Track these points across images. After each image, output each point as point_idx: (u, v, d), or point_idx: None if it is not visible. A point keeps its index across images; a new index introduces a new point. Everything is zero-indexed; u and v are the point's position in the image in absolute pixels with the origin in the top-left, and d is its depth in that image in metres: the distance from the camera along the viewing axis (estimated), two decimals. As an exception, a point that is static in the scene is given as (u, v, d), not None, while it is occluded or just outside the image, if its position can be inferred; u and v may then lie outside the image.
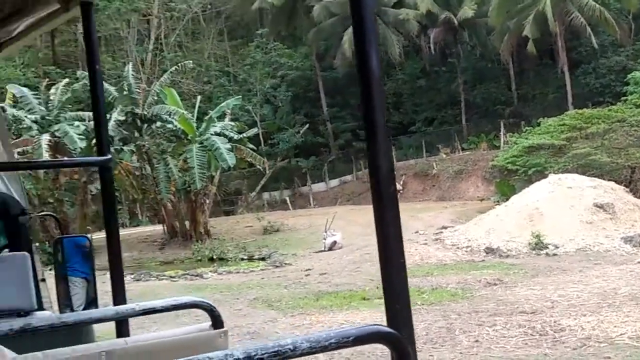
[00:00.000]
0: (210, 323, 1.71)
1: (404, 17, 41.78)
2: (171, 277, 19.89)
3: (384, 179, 1.10)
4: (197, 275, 19.79)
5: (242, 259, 24.13)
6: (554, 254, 16.71)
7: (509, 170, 31.48)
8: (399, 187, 36.69)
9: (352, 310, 11.86)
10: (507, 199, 23.27)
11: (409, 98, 47.13)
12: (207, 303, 1.68)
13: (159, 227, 31.28)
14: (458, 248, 19.07)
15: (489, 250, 17.95)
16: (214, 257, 25.17)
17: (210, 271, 20.62)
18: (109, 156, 2.38)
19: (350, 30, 41.82)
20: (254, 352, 0.93)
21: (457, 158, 40.36)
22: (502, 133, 39.70)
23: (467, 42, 47.58)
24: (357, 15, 1.12)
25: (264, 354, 0.93)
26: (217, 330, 1.70)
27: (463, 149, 41.87)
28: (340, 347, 0.98)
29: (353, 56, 43.01)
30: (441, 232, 22.04)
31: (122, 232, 2.38)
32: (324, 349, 0.96)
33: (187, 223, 29.21)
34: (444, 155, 41.01)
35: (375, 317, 10.93)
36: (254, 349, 0.93)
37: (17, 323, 1.53)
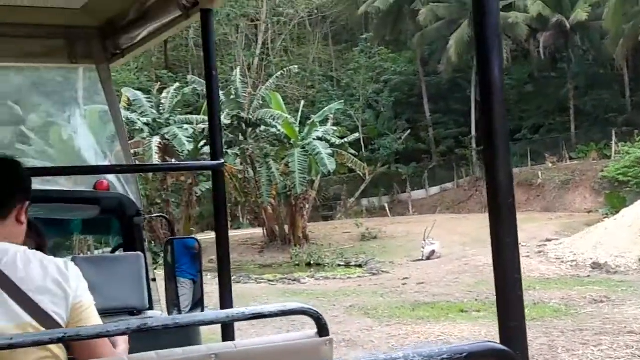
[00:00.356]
0: (315, 330, 1.72)
1: (513, 21, 40.70)
2: (269, 280, 20.25)
3: (503, 190, 1.08)
4: (294, 280, 20.05)
5: (339, 265, 24.22)
6: (668, 272, 15.83)
7: (620, 181, 30.17)
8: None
9: (450, 323, 11.66)
10: (617, 212, 22.24)
11: (515, 104, 45.82)
12: (314, 310, 1.69)
13: (259, 231, 31.89)
14: (562, 262, 18.39)
15: (596, 266, 17.20)
16: (312, 262, 25.39)
17: (308, 276, 20.84)
18: (222, 160, 2.45)
19: (456, 34, 41.43)
20: (366, 363, 0.93)
21: (564, 167, 38.93)
22: (613, 142, 38.01)
23: (579, 46, 45.80)
24: (480, 21, 1.11)
25: (376, 365, 0.93)
26: (323, 338, 1.70)
27: (571, 158, 40.34)
28: (452, 364, 0.97)
29: (458, 61, 42.74)
30: (545, 245, 21.34)
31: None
32: (435, 364, 0.95)
33: (286, 227, 29.62)
34: (550, 164, 39.66)
35: (473, 330, 10.71)
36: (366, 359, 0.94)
37: (134, 322, 1.59)
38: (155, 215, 17.12)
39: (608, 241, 18.34)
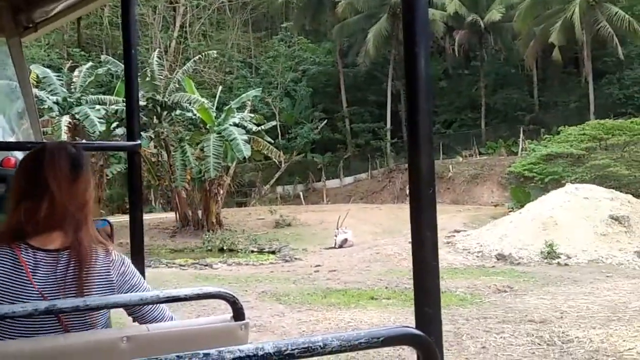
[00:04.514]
0: (231, 314, 1.72)
1: (431, 18, 41.59)
2: (181, 265, 19.98)
3: (424, 180, 1.10)
4: (206, 265, 19.86)
5: (252, 252, 24.17)
6: (566, 264, 16.60)
7: (526, 177, 31.40)
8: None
9: (360, 309, 11.85)
10: (522, 206, 23.18)
11: (429, 99, 46.90)
12: (230, 294, 1.69)
13: (171, 215, 31.42)
14: (469, 253, 19.01)
15: (501, 257, 17.88)
16: (224, 247, 25.23)
17: (220, 262, 20.69)
18: (139, 142, 2.40)
19: (374, 27, 41.95)
20: (284, 347, 0.93)
21: (473, 162, 40.21)
22: (521, 139, 39.56)
23: (492, 45, 47.36)
24: (409, 15, 1.13)
25: (294, 349, 0.94)
26: (239, 322, 1.70)
27: (480, 154, 41.73)
28: (369, 347, 0.99)
29: (376, 54, 43.24)
30: (453, 236, 21.99)
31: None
32: (353, 348, 0.97)
33: (199, 212, 29.31)
34: (461, 159, 40.88)
35: (382, 317, 10.94)
36: (284, 343, 0.94)
37: (41, 304, 1.55)
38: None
39: (512, 234, 19.07)
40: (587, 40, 38.22)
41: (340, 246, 22.45)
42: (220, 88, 32.90)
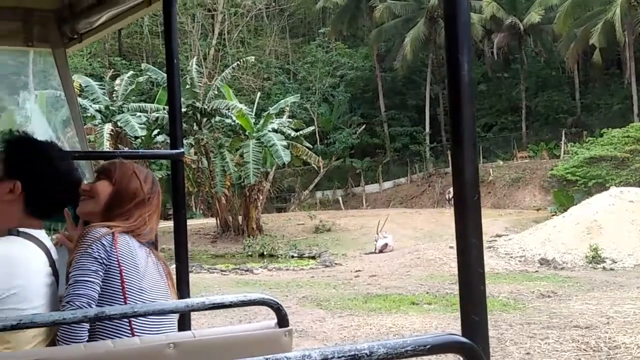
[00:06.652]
0: (275, 321, 1.73)
1: (468, 21, 41.31)
2: (222, 270, 20.12)
3: (468, 186, 1.09)
4: (247, 270, 19.97)
5: (292, 257, 24.24)
6: (611, 269, 16.27)
7: (568, 180, 30.91)
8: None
9: (401, 315, 11.76)
10: (565, 210, 22.79)
11: (468, 103, 46.53)
12: (275, 301, 1.70)
13: (212, 221, 31.69)
14: (511, 257, 18.74)
15: (544, 261, 17.60)
16: (265, 253, 25.35)
17: (261, 267, 20.79)
18: (182, 150, 2.43)
19: (412, 31, 41.78)
20: (331, 354, 0.93)
21: (514, 166, 39.68)
22: (563, 142, 38.94)
23: (532, 48, 46.75)
24: (451, 18, 1.12)
25: (341, 356, 0.93)
26: (283, 329, 1.71)
27: (522, 157, 41.22)
28: (416, 355, 0.98)
29: (414, 58, 43.04)
30: (495, 241, 21.73)
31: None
32: (399, 355, 0.96)
33: (239, 218, 29.51)
34: (501, 162, 40.40)
35: (424, 322, 10.86)
36: (331, 351, 0.94)
37: (91, 311, 1.58)
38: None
39: (556, 238, 18.76)
40: (629, 41, 37.43)
41: (381, 251, 22.37)
42: (258, 94, 33.12)
